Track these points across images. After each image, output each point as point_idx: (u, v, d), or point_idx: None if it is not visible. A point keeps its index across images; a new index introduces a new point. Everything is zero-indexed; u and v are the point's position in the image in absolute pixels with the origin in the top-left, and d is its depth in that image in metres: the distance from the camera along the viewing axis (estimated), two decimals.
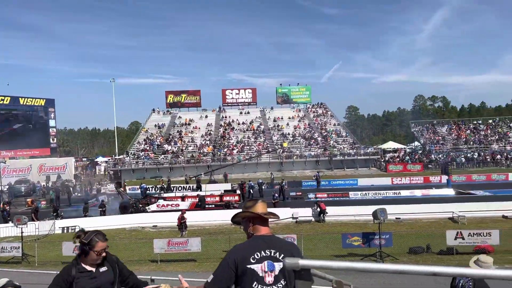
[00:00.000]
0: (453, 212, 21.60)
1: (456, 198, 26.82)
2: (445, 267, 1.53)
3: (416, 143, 60.34)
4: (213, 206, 26.38)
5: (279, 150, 50.82)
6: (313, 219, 22.85)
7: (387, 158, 50.77)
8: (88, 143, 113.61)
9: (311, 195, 29.44)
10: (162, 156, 50.36)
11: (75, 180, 44.78)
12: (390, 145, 66.33)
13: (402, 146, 64.53)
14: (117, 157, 54.80)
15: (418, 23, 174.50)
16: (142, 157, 49.97)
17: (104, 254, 3.24)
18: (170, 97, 63.80)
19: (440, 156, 48.65)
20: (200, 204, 26.01)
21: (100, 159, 65.45)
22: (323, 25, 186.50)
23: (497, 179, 36.01)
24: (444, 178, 34.66)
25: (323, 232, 19.55)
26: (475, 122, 60.89)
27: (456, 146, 52.34)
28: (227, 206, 26.14)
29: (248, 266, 2.52)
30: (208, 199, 27.15)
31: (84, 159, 68.91)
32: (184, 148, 52.50)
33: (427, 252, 15.51)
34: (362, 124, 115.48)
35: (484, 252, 14.64)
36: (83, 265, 3.22)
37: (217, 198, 27.36)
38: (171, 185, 36.27)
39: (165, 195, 29.56)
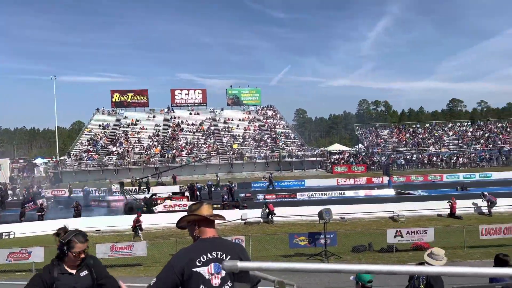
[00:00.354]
0: (393, 212, 22.74)
1: (396, 198, 28.26)
2: (372, 266, 1.59)
3: (360, 145, 62.91)
4: (219, 205, 24.91)
5: (229, 151, 50.78)
6: (261, 220, 23.06)
7: (333, 160, 52.47)
8: (26, 143, 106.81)
9: (260, 196, 29.70)
10: (107, 157, 48.45)
11: (11, 183, 41.85)
12: (336, 147, 68.65)
13: (347, 148, 67.05)
14: (58, 158, 51.90)
15: (363, 31, 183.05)
16: (85, 159, 47.76)
17: (82, 255, 3.06)
18: (116, 96, 61.55)
19: (382, 158, 51.06)
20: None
21: (38, 160, 61.73)
22: (273, 28, 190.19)
23: (433, 180, 38.41)
24: (386, 179, 36.43)
25: (271, 233, 19.78)
26: (414, 126, 64.58)
27: (396, 149, 55.22)
28: (236, 206, 25.34)
29: (194, 269, 2.48)
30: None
31: (21, 160, 64.65)
32: (130, 149, 50.86)
33: (369, 250, 16.19)
34: (310, 127, 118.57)
35: (421, 249, 15.57)
36: (65, 266, 3.04)
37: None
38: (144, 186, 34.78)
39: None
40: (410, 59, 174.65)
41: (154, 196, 27.26)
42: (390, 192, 31.70)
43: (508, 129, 59.13)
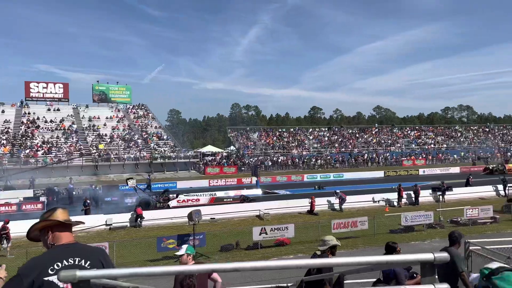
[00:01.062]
0: (259, 210, 24.03)
1: (263, 197, 29.92)
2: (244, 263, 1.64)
3: (232, 147, 64.96)
4: (230, 200, 27.17)
5: (94, 152, 47.17)
6: (128, 225, 21.98)
7: (206, 161, 53.06)
8: None
9: (128, 200, 28.23)
10: None
11: None
12: (209, 148, 69.56)
13: (220, 150, 68.51)
14: None
15: (236, 37, 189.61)
16: None
17: None
18: None
19: (251, 159, 53.56)
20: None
21: None
22: (147, 25, 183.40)
23: (295, 180, 41.78)
24: (254, 180, 38.30)
25: (138, 237, 19.01)
26: (280, 130, 69.38)
27: (265, 151, 58.59)
28: (243, 200, 26.49)
29: (46, 278, 2.24)
30: (1, 208, 23.08)
31: None
32: None
33: (237, 248, 16.79)
34: (183, 128, 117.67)
35: (283, 245, 16.77)
36: None
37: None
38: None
39: None
40: (278, 67, 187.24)
41: (166, 192, 27.61)
42: (258, 191, 33.35)
43: (357, 135, 67.90)
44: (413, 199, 26.90)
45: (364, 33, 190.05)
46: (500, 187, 29.57)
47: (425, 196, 27.47)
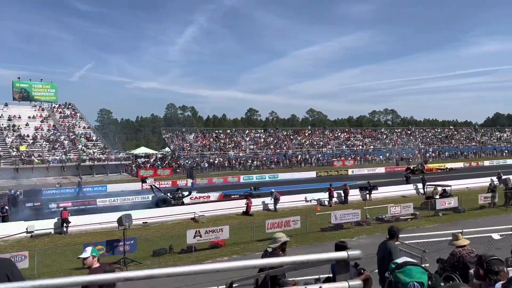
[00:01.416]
0: (195, 213, 23.72)
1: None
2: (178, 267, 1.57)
3: (167, 149, 63.52)
4: (237, 196, 28.05)
5: (14, 154, 43.50)
6: (52, 232, 20.56)
7: (139, 163, 51.29)
8: None
9: (52, 205, 26.43)
10: None
11: None
12: (143, 150, 67.52)
13: (154, 152, 66.71)
14: None
15: (172, 36, 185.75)
16: None
17: None
18: None
19: (187, 161, 52.78)
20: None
21: None
22: (76, 19, 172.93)
23: (232, 181, 41.90)
24: (190, 181, 37.76)
25: (63, 244, 17.82)
26: (216, 131, 69.17)
27: (201, 152, 58.03)
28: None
29: None
30: None
31: None
32: None
33: (170, 252, 16.40)
34: (115, 129, 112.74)
35: (217, 247, 16.70)
36: None
37: None
38: None
39: None
40: (215, 68, 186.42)
41: (180, 190, 28.79)
42: (194, 194, 32.96)
43: (291, 137, 69.78)
44: (343, 198, 28.19)
45: (299, 37, 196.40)
46: (420, 185, 32.02)
47: (354, 195, 28.92)
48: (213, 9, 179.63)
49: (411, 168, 46.97)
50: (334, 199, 27.91)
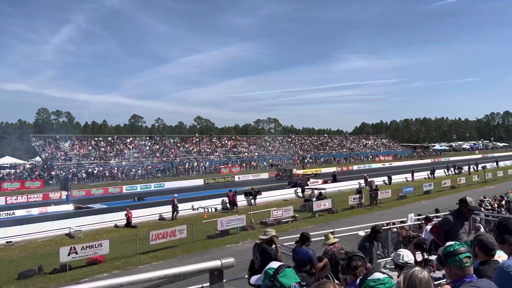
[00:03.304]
0: (70, 228, 21.66)
1: (74, 213, 27.14)
2: None
3: (38, 158, 56.93)
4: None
5: None
6: None
7: (2, 175, 44.96)
8: None
9: None
10: None
11: None
12: (8, 160, 59.34)
13: (22, 162, 59.16)
14: None
15: (44, 34, 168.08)
16: None
17: None
18: None
19: (61, 172, 48.03)
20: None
21: None
22: None
23: (113, 192, 39.36)
24: (64, 194, 34.35)
25: None
26: (96, 139, 64.49)
27: (78, 162, 53.36)
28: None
29: None
30: None
31: None
32: None
33: (39, 273, 14.65)
34: None
35: (96, 263, 15.51)
36: None
37: None
38: None
39: None
40: (95, 71, 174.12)
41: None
42: (69, 207, 30.12)
43: (179, 144, 68.67)
44: (227, 204, 28.67)
45: (184, 45, 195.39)
46: (299, 189, 34.30)
47: (241, 200, 29.64)
48: (92, 9, 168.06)
49: (281, 174, 49.47)
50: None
